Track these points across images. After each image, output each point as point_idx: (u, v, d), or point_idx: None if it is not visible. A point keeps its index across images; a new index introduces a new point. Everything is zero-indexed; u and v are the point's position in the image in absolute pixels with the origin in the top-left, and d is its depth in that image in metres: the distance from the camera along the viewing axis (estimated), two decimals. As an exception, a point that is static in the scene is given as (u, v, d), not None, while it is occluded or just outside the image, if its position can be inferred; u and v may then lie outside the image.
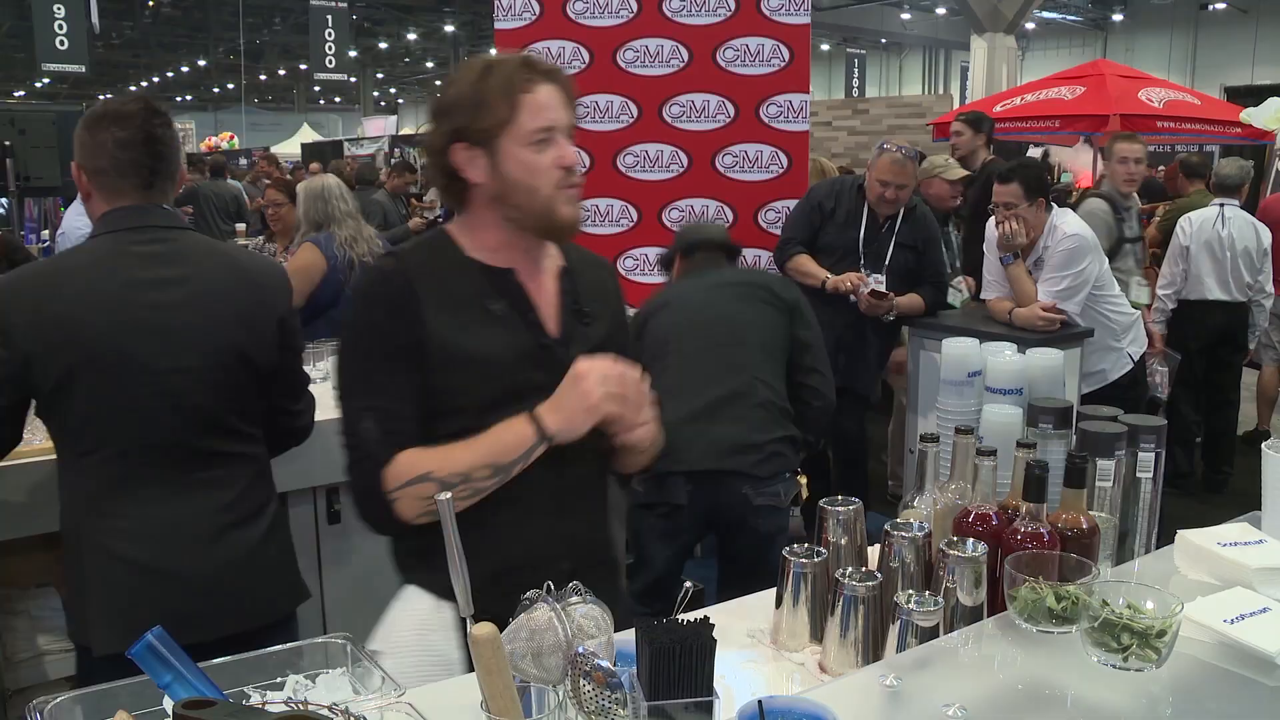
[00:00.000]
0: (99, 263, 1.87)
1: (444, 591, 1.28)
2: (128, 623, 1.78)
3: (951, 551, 1.47)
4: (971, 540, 1.49)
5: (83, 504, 1.88)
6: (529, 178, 1.58)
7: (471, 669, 1.19)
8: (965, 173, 5.01)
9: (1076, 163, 11.04)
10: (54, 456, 1.96)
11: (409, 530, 1.58)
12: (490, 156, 1.59)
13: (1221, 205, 5.41)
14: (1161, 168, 9.40)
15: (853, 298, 3.93)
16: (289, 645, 1.47)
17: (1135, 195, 4.92)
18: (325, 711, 1.13)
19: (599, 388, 1.54)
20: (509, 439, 1.55)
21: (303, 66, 26.59)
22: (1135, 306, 4.62)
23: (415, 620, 1.64)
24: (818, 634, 1.55)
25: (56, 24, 11.69)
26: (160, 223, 1.92)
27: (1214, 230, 5.33)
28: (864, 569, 1.54)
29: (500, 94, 1.56)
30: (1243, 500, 1.68)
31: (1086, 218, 4.46)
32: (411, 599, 1.66)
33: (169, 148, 1.93)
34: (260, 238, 4.98)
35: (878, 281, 3.94)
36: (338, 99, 37.87)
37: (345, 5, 16.34)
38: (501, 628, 1.22)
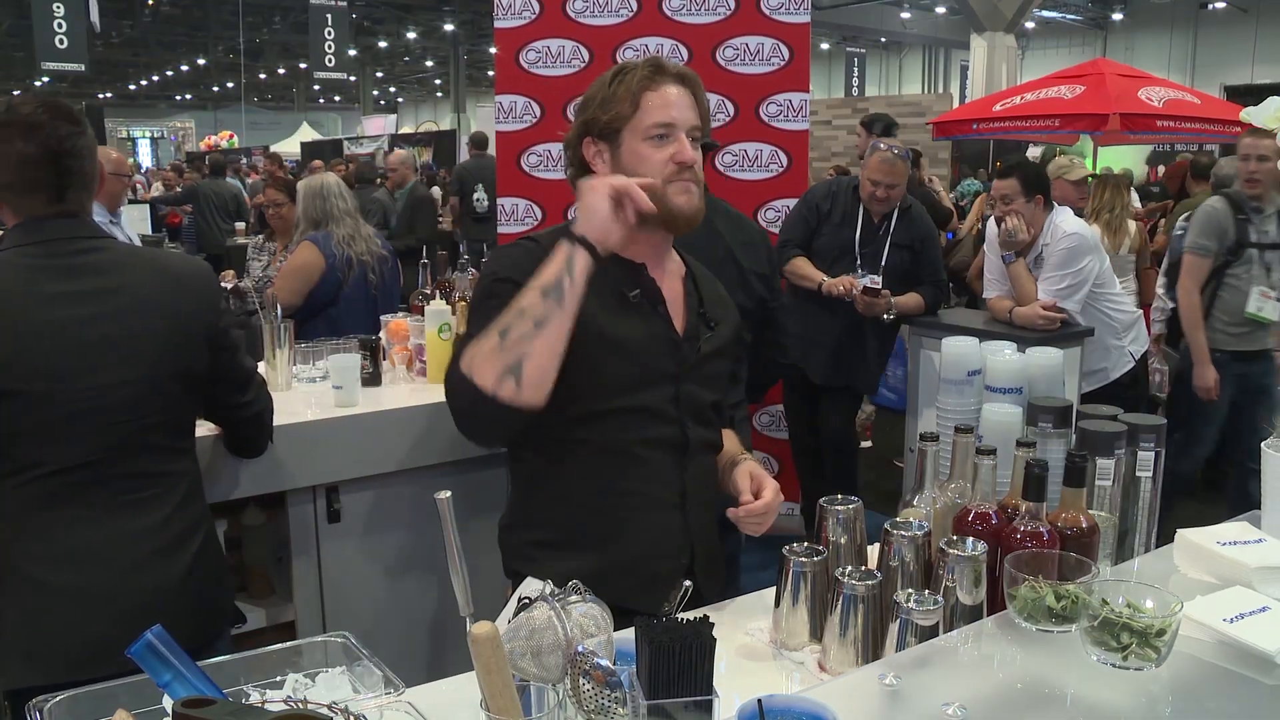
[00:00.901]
0: (9, 279, 1.75)
1: (562, 579, 1.31)
2: (40, 657, 1.72)
3: (951, 550, 1.47)
4: (971, 539, 1.49)
5: (4, 527, 1.75)
6: (642, 169, 1.67)
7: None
8: (1087, 173, 4.92)
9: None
10: None
11: (502, 411, 1.54)
12: (613, 150, 1.71)
13: (1221, 204, 5.39)
14: (1162, 167, 9.38)
15: (849, 298, 3.93)
16: (288, 644, 1.47)
17: (1274, 195, 4.17)
18: (325, 710, 1.13)
19: (603, 183, 1.60)
20: (549, 259, 1.58)
21: (302, 65, 26.56)
22: (1253, 320, 4.13)
23: None
24: (817, 633, 1.55)
25: (56, 22, 11.70)
26: (75, 234, 1.79)
27: (1214, 229, 5.30)
28: (864, 568, 1.54)
29: (626, 91, 1.68)
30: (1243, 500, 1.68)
31: (1198, 215, 4.25)
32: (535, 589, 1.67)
33: (80, 159, 1.79)
34: (260, 236, 4.97)
35: (873, 281, 3.94)
36: (337, 98, 37.86)
37: (345, 4, 16.33)
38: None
